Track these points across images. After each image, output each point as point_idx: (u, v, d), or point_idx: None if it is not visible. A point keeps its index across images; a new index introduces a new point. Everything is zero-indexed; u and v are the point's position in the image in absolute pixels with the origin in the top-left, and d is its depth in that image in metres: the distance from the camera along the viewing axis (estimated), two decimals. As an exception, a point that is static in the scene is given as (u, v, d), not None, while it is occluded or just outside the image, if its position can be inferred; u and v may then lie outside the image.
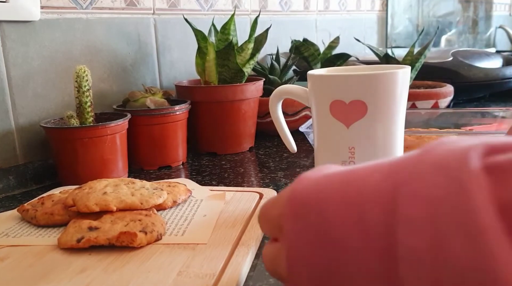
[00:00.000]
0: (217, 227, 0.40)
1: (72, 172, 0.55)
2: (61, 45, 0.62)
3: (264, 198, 0.47)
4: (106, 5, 0.67)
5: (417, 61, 0.80)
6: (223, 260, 0.34)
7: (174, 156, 0.64)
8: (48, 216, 0.42)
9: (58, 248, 0.37)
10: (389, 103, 0.40)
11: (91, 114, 0.56)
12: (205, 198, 0.48)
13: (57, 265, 0.35)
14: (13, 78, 0.57)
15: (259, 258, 0.37)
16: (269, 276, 0.34)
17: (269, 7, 0.98)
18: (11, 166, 0.57)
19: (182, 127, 0.65)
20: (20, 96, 0.58)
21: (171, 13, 0.77)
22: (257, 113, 0.73)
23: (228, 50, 0.67)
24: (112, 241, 0.36)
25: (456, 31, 1.41)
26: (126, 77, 0.71)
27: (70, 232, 0.38)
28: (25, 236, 0.40)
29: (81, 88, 0.55)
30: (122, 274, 0.33)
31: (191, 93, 0.68)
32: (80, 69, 0.54)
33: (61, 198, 0.45)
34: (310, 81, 0.43)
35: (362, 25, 1.30)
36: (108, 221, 0.38)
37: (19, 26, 0.57)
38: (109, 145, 0.55)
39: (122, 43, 0.70)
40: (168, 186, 0.47)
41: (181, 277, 0.32)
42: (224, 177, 0.59)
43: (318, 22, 1.13)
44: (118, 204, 0.40)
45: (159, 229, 0.38)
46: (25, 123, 0.59)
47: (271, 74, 0.79)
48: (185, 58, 0.80)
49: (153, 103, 0.63)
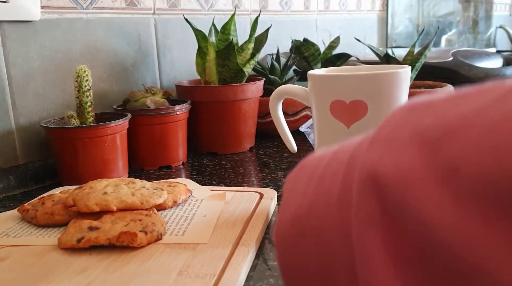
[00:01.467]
0: (218, 227, 0.40)
1: (73, 172, 0.55)
2: (62, 45, 0.62)
3: (264, 198, 0.47)
4: (107, 5, 0.67)
5: (418, 61, 0.80)
6: (223, 260, 0.34)
7: (175, 156, 0.64)
8: (49, 216, 0.42)
9: (58, 248, 0.37)
10: (390, 103, 0.40)
11: (91, 114, 0.56)
12: (205, 198, 0.48)
13: (58, 265, 0.35)
14: (13, 78, 0.57)
15: (259, 258, 0.37)
16: (269, 276, 0.34)
17: (269, 7, 0.98)
18: (11, 166, 0.57)
19: (182, 127, 0.65)
20: (21, 96, 0.58)
21: (172, 13, 0.77)
22: (257, 113, 0.73)
23: (228, 50, 0.67)
24: (112, 241, 0.36)
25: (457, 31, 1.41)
26: (127, 77, 0.71)
27: (71, 232, 0.38)
28: (25, 236, 0.40)
29: (81, 88, 0.55)
30: (123, 274, 0.33)
31: (191, 93, 0.68)
32: (81, 69, 0.54)
33: (61, 198, 0.45)
34: (310, 81, 0.43)
35: (363, 25, 1.30)
36: (108, 221, 0.38)
37: (19, 26, 0.57)
38: (109, 145, 0.55)
39: (122, 43, 0.70)
40: (168, 186, 0.47)
41: (181, 277, 0.32)
42: (225, 177, 0.59)
43: (318, 22, 1.13)
44: (119, 204, 0.40)
45: (159, 229, 0.38)
46: (25, 123, 0.59)
47: (271, 74, 0.79)
48: (185, 58, 0.80)
49: (153, 103, 0.63)
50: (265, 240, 0.40)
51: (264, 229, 0.41)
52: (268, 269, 0.35)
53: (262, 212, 0.43)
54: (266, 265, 0.36)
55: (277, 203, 0.48)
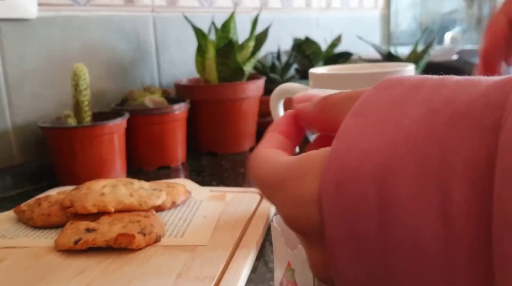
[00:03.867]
0: (217, 228, 0.40)
1: (70, 172, 0.55)
2: (59, 43, 0.61)
3: (264, 199, 0.46)
4: (104, 2, 0.66)
5: (421, 59, 0.79)
6: (223, 262, 0.34)
7: (174, 156, 0.64)
8: (45, 217, 0.41)
9: (55, 249, 0.37)
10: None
11: (88, 113, 0.56)
12: (205, 199, 0.47)
13: (55, 267, 0.34)
14: (9, 76, 0.57)
15: (260, 260, 0.36)
16: (270, 279, 0.33)
17: (270, 4, 0.97)
18: (8, 166, 0.57)
19: (181, 127, 0.64)
20: (17, 95, 0.57)
21: (170, 11, 0.76)
22: (258, 112, 0.72)
23: (228, 48, 0.66)
24: (110, 242, 0.36)
25: (460, 29, 1.41)
26: (125, 76, 0.70)
27: (68, 234, 0.37)
28: (22, 238, 0.40)
29: (78, 87, 0.54)
30: (121, 276, 0.32)
31: (190, 92, 0.68)
32: (78, 68, 0.54)
33: (58, 199, 0.44)
34: (312, 80, 0.43)
35: (365, 23, 1.29)
36: (106, 223, 0.38)
37: (15, 24, 0.57)
38: (107, 144, 0.55)
39: (120, 41, 0.69)
40: (167, 187, 0.47)
41: (180, 280, 0.31)
42: (224, 177, 0.58)
43: (320, 20, 1.13)
44: (116, 205, 0.40)
45: (158, 230, 0.38)
46: (22, 122, 0.58)
47: (272, 73, 0.78)
48: (184, 57, 0.79)
49: (152, 102, 0.63)
50: (266, 241, 0.39)
51: (264, 230, 0.40)
52: (269, 271, 0.34)
53: (263, 214, 0.43)
54: (266, 267, 0.35)
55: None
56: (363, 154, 0.15)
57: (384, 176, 0.14)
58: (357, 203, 0.15)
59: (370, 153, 0.15)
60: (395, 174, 0.14)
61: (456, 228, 0.13)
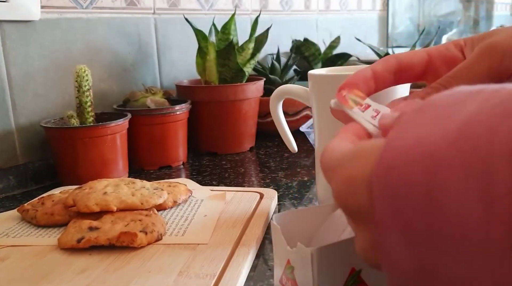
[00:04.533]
0: (218, 227, 0.40)
1: (72, 172, 0.55)
2: (62, 45, 0.62)
3: (264, 198, 0.47)
4: (107, 4, 0.67)
5: (418, 60, 0.80)
6: (223, 261, 0.34)
7: (175, 156, 0.64)
8: (48, 216, 0.42)
9: (58, 248, 0.37)
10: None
11: (91, 114, 0.56)
12: (205, 198, 0.48)
13: (58, 265, 0.35)
14: (13, 77, 0.57)
15: (259, 258, 0.37)
16: (269, 277, 0.34)
17: (269, 6, 0.97)
18: (11, 166, 0.57)
19: (182, 127, 0.65)
20: (20, 96, 0.58)
21: (172, 13, 0.77)
22: (257, 113, 0.73)
23: (229, 49, 0.67)
24: (112, 241, 0.36)
25: (457, 31, 1.41)
26: (127, 77, 0.71)
27: (71, 232, 0.38)
28: (25, 236, 0.40)
29: (81, 88, 0.55)
30: (123, 274, 0.33)
31: (191, 93, 0.68)
32: (81, 69, 0.54)
33: (61, 198, 0.44)
34: (311, 81, 0.43)
35: (363, 24, 1.29)
36: (108, 221, 0.38)
37: (19, 26, 0.57)
38: (109, 145, 0.55)
39: (122, 43, 0.70)
40: (168, 186, 0.47)
41: (181, 278, 0.32)
42: (225, 177, 0.58)
43: (319, 22, 1.13)
44: (119, 204, 0.40)
45: (159, 229, 0.38)
46: (25, 123, 0.59)
47: (271, 74, 0.79)
48: (185, 58, 0.80)
49: (153, 103, 0.63)
50: (266, 240, 0.40)
51: (264, 229, 0.41)
52: (269, 269, 0.35)
53: (263, 212, 0.43)
54: (266, 265, 0.36)
55: (277, 203, 0.48)
56: (415, 140, 0.16)
57: (431, 158, 0.15)
58: (403, 182, 0.16)
59: (422, 140, 0.16)
60: (441, 157, 0.15)
61: (495, 209, 0.13)
